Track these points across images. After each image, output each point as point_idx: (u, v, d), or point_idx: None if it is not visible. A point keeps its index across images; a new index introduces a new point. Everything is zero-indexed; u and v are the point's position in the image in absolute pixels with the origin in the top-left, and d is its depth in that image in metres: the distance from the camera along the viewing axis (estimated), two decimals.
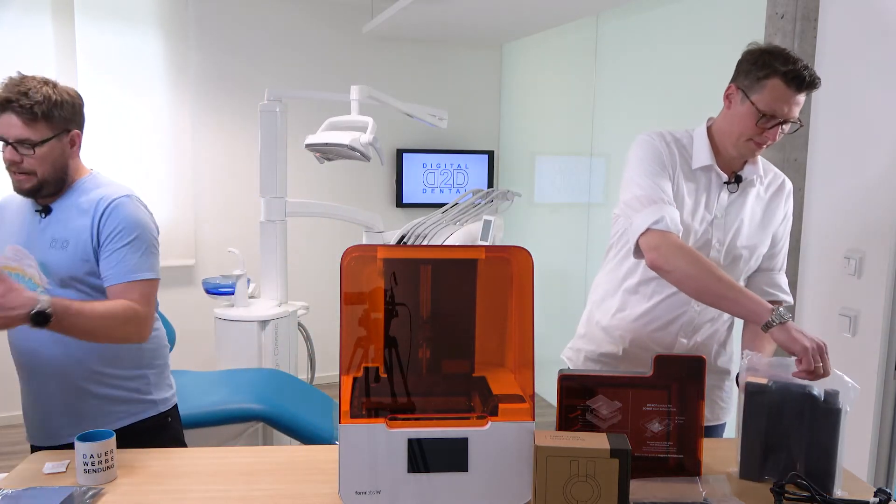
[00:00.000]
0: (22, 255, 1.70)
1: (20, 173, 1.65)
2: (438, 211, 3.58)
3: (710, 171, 1.72)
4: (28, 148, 1.63)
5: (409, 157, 4.92)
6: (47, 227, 1.70)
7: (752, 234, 1.75)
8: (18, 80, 1.68)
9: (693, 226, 1.71)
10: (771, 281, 1.81)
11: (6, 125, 1.63)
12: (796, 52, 2.39)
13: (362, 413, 1.37)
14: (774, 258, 1.82)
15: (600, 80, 3.99)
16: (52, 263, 1.67)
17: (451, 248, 2.19)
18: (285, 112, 3.31)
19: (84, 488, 1.38)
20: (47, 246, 1.68)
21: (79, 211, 1.70)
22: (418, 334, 1.46)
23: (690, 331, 1.78)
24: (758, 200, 1.76)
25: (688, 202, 1.71)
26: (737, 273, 1.76)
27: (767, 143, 1.64)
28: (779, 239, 1.81)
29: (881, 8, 2.16)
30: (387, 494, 1.31)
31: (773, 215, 1.78)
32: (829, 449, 1.42)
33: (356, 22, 4.67)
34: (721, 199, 1.73)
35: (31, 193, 1.69)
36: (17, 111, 1.62)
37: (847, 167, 2.29)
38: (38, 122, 1.64)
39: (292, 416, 2.67)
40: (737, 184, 1.73)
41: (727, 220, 1.73)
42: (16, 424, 4.04)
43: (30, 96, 1.64)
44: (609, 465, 1.23)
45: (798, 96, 1.59)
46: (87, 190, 1.73)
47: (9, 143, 1.63)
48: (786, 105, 1.58)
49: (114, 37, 4.09)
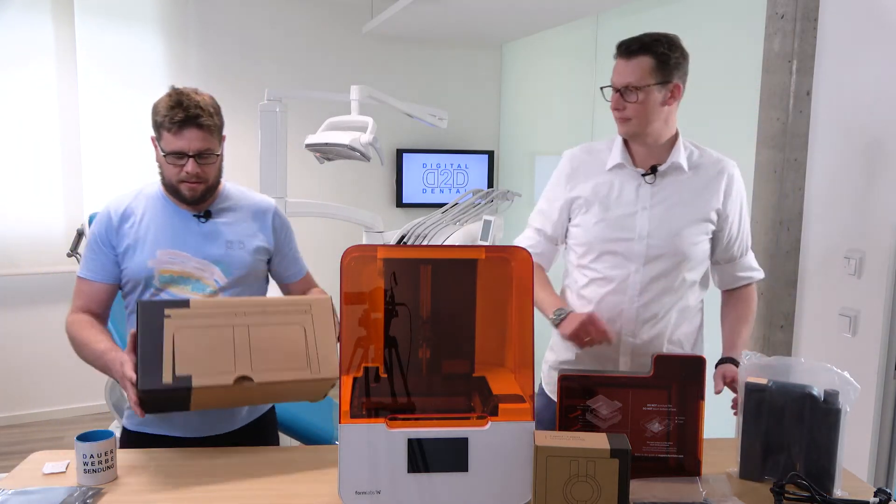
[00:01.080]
0: (183, 258, 1.75)
1: (196, 182, 1.71)
2: (438, 211, 3.58)
3: (624, 167, 1.79)
4: (209, 158, 1.71)
5: (409, 157, 4.92)
6: (215, 229, 1.78)
7: (679, 219, 1.76)
8: (182, 94, 1.70)
9: (617, 221, 1.77)
10: (741, 266, 1.86)
11: (189, 139, 1.67)
12: (796, 51, 2.39)
13: (362, 413, 1.37)
14: (731, 248, 1.83)
15: (600, 80, 3.98)
16: (232, 263, 1.76)
17: (451, 248, 2.19)
18: (285, 112, 3.30)
19: (84, 488, 1.38)
20: (223, 248, 1.77)
21: (248, 215, 1.83)
22: (418, 334, 1.46)
23: (633, 329, 1.78)
24: (684, 187, 1.78)
25: (607, 201, 1.78)
26: (681, 264, 1.76)
27: (617, 113, 1.76)
28: (727, 225, 1.80)
29: (881, 8, 2.16)
30: (387, 494, 1.31)
31: (704, 199, 1.77)
32: (829, 449, 1.42)
33: (356, 22, 4.67)
34: (641, 193, 1.77)
35: (199, 200, 1.75)
36: (200, 125, 1.67)
37: (847, 167, 2.29)
38: (214, 133, 1.72)
39: (292, 416, 2.67)
40: (653, 174, 1.77)
41: (651, 212, 1.76)
42: (16, 424, 4.05)
43: (203, 108, 1.69)
44: (609, 465, 1.23)
45: (622, 63, 1.71)
46: (239, 194, 1.86)
47: (190, 157, 1.68)
48: (616, 73, 1.73)
49: (114, 36, 4.09)
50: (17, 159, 3.96)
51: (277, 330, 1.55)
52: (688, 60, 1.76)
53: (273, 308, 1.58)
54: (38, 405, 4.14)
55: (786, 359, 1.50)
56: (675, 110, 1.78)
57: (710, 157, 1.81)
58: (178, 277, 1.72)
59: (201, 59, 4.35)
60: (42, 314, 4.10)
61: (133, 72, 4.16)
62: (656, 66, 1.69)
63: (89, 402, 4.22)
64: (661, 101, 1.71)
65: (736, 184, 1.80)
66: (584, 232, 1.80)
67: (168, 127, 1.66)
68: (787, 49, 2.42)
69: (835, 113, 2.33)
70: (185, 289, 1.73)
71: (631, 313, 1.77)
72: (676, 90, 1.73)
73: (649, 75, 1.69)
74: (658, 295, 1.76)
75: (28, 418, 4.10)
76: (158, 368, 1.44)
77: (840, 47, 2.31)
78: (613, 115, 1.77)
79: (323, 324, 1.58)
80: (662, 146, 1.78)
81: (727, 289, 1.90)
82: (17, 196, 3.99)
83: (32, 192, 4.02)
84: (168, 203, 1.77)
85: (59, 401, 4.19)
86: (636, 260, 1.75)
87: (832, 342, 2.34)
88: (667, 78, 1.70)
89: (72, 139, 4.08)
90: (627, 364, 1.79)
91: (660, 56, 1.69)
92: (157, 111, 1.68)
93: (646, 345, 1.78)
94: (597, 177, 1.81)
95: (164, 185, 1.77)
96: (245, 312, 1.55)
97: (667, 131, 1.77)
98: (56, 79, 3.99)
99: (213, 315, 1.53)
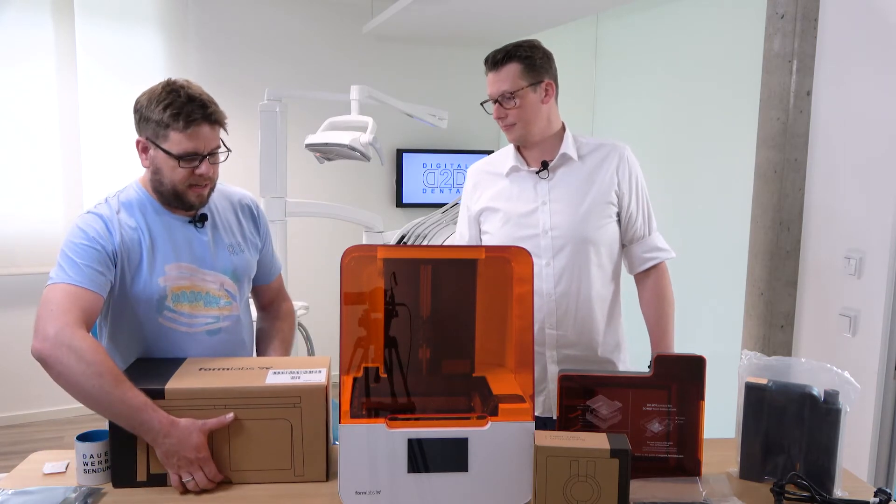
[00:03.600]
0: (191, 271, 1.60)
1: (206, 186, 1.58)
2: (438, 211, 3.58)
3: (518, 170, 1.87)
4: (219, 156, 1.58)
5: (409, 157, 4.92)
6: (214, 235, 1.65)
7: (577, 206, 1.82)
8: (185, 87, 1.52)
9: (519, 220, 1.84)
10: (646, 246, 1.90)
11: (204, 138, 1.52)
12: (796, 51, 2.39)
13: (362, 413, 1.37)
14: (634, 226, 1.88)
15: (600, 80, 3.99)
16: (237, 268, 1.68)
17: (451, 249, 2.19)
18: (285, 112, 3.30)
19: (84, 488, 1.38)
20: (227, 253, 1.66)
21: (234, 214, 1.72)
22: (418, 334, 1.46)
23: (553, 321, 1.84)
24: (577, 175, 1.84)
25: (508, 204, 1.86)
26: (590, 251, 1.82)
27: (501, 122, 1.83)
28: (626, 204, 1.86)
29: (881, 8, 2.16)
30: (387, 494, 1.31)
31: (599, 181, 1.84)
32: (829, 449, 1.42)
33: (356, 22, 4.67)
34: (539, 189, 1.85)
35: (202, 205, 1.61)
36: (213, 121, 1.53)
37: (847, 167, 2.29)
38: (219, 129, 1.57)
39: None
40: (546, 170, 1.85)
41: (552, 206, 1.82)
42: (16, 424, 4.05)
43: (211, 101, 1.54)
44: (609, 465, 1.23)
45: (493, 74, 1.80)
46: (220, 191, 1.71)
47: (204, 157, 1.53)
48: (490, 86, 1.82)
49: (114, 36, 4.10)
50: (17, 159, 3.96)
51: (261, 425, 1.39)
52: (552, 60, 1.85)
53: (258, 399, 1.39)
54: (38, 405, 4.14)
55: (786, 359, 1.50)
56: (554, 108, 1.86)
57: (599, 142, 1.88)
58: (190, 294, 1.59)
59: (201, 59, 4.35)
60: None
61: (133, 72, 4.16)
62: (524, 70, 1.79)
63: None
64: (538, 100, 1.81)
65: (628, 162, 1.87)
66: (493, 237, 1.89)
67: (178, 126, 1.48)
68: (787, 49, 2.42)
69: (835, 113, 2.33)
70: (198, 305, 1.60)
71: (550, 306, 1.84)
72: (550, 88, 1.83)
73: (520, 79, 1.79)
74: (573, 285, 1.82)
75: (28, 418, 4.10)
76: (132, 464, 1.38)
77: (840, 47, 2.31)
78: (499, 126, 1.85)
79: (313, 418, 1.40)
80: (551, 143, 1.86)
81: (637, 272, 1.93)
82: (16, 195, 3.99)
83: (32, 192, 4.02)
84: (161, 210, 1.59)
85: (59, 401, 4.18)
86: (544, 254, 1.83)
87: (832, 342, 2.34)
88: (537, 78, 1.80)
89: (72, 139, 4.08)
90: (554, 358, 1.86)
91: (524, 60, 1.79)
92: (154, 108, 1.49)
93: (567, 335, 1.85)
94: (496, 184, 1.90)
95: (160, 191, 1.57)
96: (226, 405, 1.38)
97: (551, 128, 1.86)
98: (56, 78, 3.99)
99: (189, 408, 1.38)
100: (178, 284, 1.58)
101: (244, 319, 1.75)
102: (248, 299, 1.84)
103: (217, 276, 1.63)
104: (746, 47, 2.81)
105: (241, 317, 1.73)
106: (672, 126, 3.37)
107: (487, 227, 1.91)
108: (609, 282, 1.89)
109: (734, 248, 2.84)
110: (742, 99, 2.84)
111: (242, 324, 1.73)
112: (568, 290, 1.83)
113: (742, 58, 2.87)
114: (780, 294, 2.52)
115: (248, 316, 1.80)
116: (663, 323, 1.89)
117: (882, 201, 2.16)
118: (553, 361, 1.86)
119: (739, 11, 2.95)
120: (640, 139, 3.54)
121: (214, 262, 1.63)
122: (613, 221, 1.85)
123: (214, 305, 1.63)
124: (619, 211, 1.86)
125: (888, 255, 2.15)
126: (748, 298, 2.62)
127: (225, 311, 1.66)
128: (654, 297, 1.90)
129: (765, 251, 2.53)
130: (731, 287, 2.91)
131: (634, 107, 3.71)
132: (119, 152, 4.14)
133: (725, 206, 3.05)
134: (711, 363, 1.49)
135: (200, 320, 1.62)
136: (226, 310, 1.66)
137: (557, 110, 1.88)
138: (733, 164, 2.95)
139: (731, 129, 2.97)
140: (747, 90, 2.74)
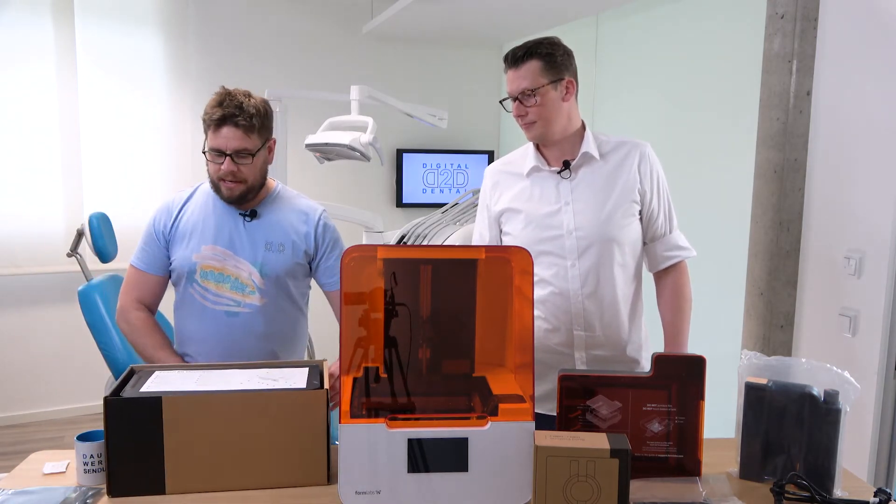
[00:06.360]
0: (224, 255, 1.82)
1: (233, 182, 1.78)
2: (438, 211, 3.58)
3: (539, 170, 1.85)
4: (246, 157, 1.77)
5: (409, 157, 4.92)
6: (258, 230, 1.85)
7: (601, 205, 1.80)
8: (226, 94, 1.77)
9: (543, 221, 1.81)
10: (667, 244, 1.88)
11: (226, 138, 1.74)
12: (796, 51, 2.39)
13: (362, 413, 1.37)
14: (655, 224, 1.86)
15: (600, 80, 3.99)
16: (267, 265, 1.83)
17: (451, 249, 2.20)
18: (285, 112, 3.30)
19: (84, 488, 1.38)
20: (262, 248, 1.84)
21: (293, 218, 1.88)
22: (418, 334, 1.46)
23: (582, 323, 1.82)
24: (600, 174, 1.82)
25: (530, 205, 1.83)
26: (614, 250, 1.80)
27: (521, 120, 1.81)
28: (647, 201, 1.84)
29: (881, 8, 2.16)
30: (387, 494, 1.31)
31: (622, 180, 1.82)
32: (829, 449, 1.42)
33: (356, 22, 4.67)
34: (561, 189, 1.82)
35: (238, 200, 1.82)
36: (237, 124, 1.73)
37: (847, 167, 2.29)
38: (254, 133, 1.77)
39: None
40: (568, 169, 1.82)
41: (575, 206, 1.81)
42: (16, 424, 4.05)
43: (244, 109, 1.74)
44: (609, 465, 1.23)
45: (513, 71, 1.78)
46: (289, 198, 1.92)
47: (227, 155, 1.75)
48: (510, 83, 1.80)
49: (114, 37, 4.09)
50: (17, 159, 3.96)
51: (261, 429, 1.39)
52: (573, 57, 1.83)
53: (258, 402, 1.39)
54: (38, 405, 4.14)
55: (786, 359, 1.50)
56: (575, 106, 1.85)
57: (620, 141, 1.87)
58: (218, 274, 1.81)
59: (201, 59, 4.35)
60: (42, 314, 4.10)
61: (133, 72, 4.16)
62: (545, 67, 1.76)
63: (89, 402, 4.22)
64: (558, 98, 1.78)
65: (649, 160, 1.85)
66: (515, 238, 1.86)
67: (209, 124, 1.74)
68: (787, 49, 2.42)
69: (835, 113, 2.33)
70: (223, 286, 1.81)
71: (577, 307, 1.81)
72: (571, 85, 1.81)
73: (541, 76, 1.76)
74: (599, 285, 1.80)
75: (28, 418, 4.10)
76: (129, 473, 1.37)
77: (840, 47, 2.31)
78: (518, 124, 1.83)
79: (314, 421, 1.40)
80: (572, 142, 1.84)
81: (657, 270, 1.91)
82: (17, 196, 3.99)
83: (32, 192, 4.02)
84: (218, 200, 1.85)
85: (59, 401, 4.19)
86: (569, 255, 1.80)
87: (832, 342, 2.34)
88: (558, 76, 1.78)
89: (72, 139, 4.08)
90: (583, 360, 1.83)
91: (545, 57, 1.77)
92: (205, 109, 1.76)
93: (596, 336, 1.82)
94: (517, 185, 1.88)
95: (210, 182, 1.84)
96: (226, 408, 1.38)
97: (572, 126, 1.84)
98: (56, 79, 3.99)
99: (188, 413, 1.37)
100: (209, 264, 1.82)
101: (275, 315, 1.86)
102: (297, 299, 1.93)
103: (246, 265, 1.83)
104: (746, 47, 2.81)
105: (267, 310, 1.84)
106: (672, 126, 3.37)
107: (509, 229, 1.88)
108: (632, 280, 1.87)
109: (734, 248, 2.84)
110: (742, 99, 2.84)
111: (265, 317, 1.85)
112: (595, 290, 1.80)
113: (742, 58, 2.86)
114: (780, 294, 2.52)
115: (284, 313, 1.89)
116: (678, 321, 1.87)
117: (882, 201, 2.16)
118: (582, 363, 1.83)
119: (739, 12, 2.95)
120: (640, 139, 3.53)
121: (247, 252, 1.83)
122: (636, 220, 1.84)
123: (240, 291, 1.81)
124: (640, 209, 1.84)
125: (888, 255, 2.15)
126: (748, 298, 2.62)
127: (248, 298, 1.83)
128: (672, 294, 1.89)
129: (765, 251, 2.53)
130: (731, 287, 2.91)
131: (634, 107, 3.71)
132: (119, 152, 4.15)
133: (725, 206, 3.05)
134: (711, 363, 1.49)
135: (224, 300, 1.83)
136: (248, 298, 1.83)
137: (577, 108, 1.86)
138: (733, 164, 2.95)
139: (731, 129, 2.97)
140: (747, 90, 2.74)
